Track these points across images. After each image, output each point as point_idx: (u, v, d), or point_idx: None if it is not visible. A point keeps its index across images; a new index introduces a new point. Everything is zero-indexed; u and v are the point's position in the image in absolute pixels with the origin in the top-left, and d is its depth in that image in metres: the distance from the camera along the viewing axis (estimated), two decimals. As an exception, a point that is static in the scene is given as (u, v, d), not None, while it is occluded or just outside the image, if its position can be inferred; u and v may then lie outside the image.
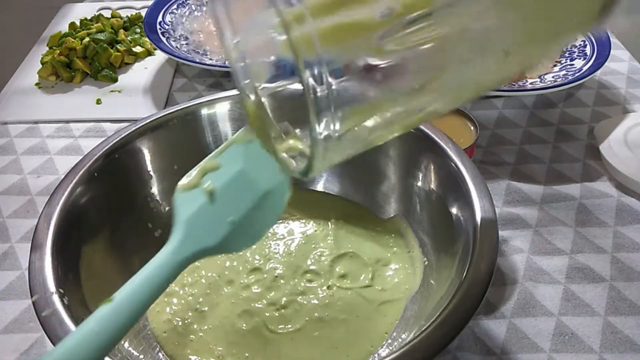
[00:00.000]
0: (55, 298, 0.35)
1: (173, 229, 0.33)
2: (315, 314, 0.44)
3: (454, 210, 0.42)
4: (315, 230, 0.51)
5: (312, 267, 0.48)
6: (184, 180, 0.35)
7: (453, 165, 0.43)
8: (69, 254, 0.40)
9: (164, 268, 0.31)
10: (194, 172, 0.35)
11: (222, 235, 0.33)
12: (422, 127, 0.46)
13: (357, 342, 0.43)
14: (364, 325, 0.44)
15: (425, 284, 0.45)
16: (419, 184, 0.48)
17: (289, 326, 0.43)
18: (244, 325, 0.43)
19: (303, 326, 0.43)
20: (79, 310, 0.37)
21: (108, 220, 0.46)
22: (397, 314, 0.44)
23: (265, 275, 0.47)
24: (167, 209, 0.51)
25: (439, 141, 0.45)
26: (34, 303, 0.35)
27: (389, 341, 0.43)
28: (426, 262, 0.46)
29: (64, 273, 0.38)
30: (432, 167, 0.46)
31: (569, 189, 0.58)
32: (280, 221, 0.52)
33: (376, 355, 0.42)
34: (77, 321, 0.34)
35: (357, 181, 0.53)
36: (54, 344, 0.33)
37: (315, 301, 0.45)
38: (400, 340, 0.42)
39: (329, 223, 0.51)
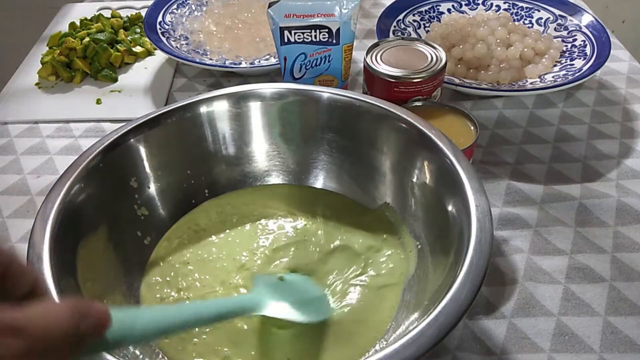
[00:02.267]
0: None
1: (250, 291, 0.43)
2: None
3: (447, 202, 0.43)
4: (305, 225, 0.51)
5: (305, 261, 0.48)
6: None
7: (447, 159, 0.43)
8: (66, 257, 0.40)
9: (231, 303, 0.40)
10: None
11: (284, 300, 0.41)
12: (417, 124, 0.47)
13: (362, 330, 0.43)
14: (367, 312, 0.44)
15: (422, 267, 0.45)
16: (413, 178, 0.48)
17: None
18: (245, 325, 0.43)
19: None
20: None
21: (105, 220, 0.46)
22: (396, 298, 0.45)
23: (260, 273, 0.47)
24: (165, 208, 0.51)
25: (432, 136, 0.45)
26: None
27: (393, 325, 0.43)
28: (419, 246, 0.47)
29: (63, 277, 0.38)
30: (425, 161, 0.46)
31: (569, 189, 0.58)
32: (270, 218, 0.52)
33: (383, 340, 0.42)
34: None
35: (350, 176, 0.54)
36: None
37: None
38: (404, 326, 0.42)
39: (318, 217, 0.52)
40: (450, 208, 0.42)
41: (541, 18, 0.81)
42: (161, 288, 0.47)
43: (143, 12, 0.87)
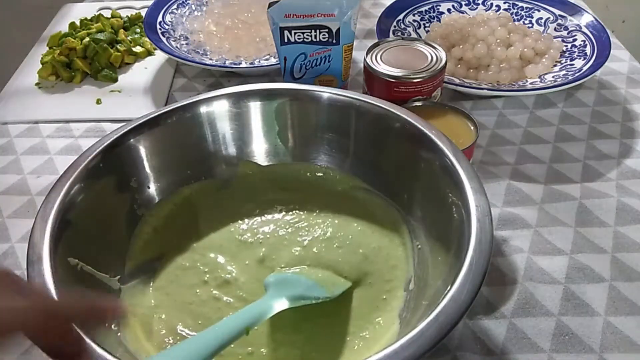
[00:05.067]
0: None
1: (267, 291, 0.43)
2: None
3: (447, 202, 0.43)
4: (304, 224, 0.51)
5: (301, 253, 0.48)
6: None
7: (447, 159, 0.43)
8: (66, 257, 0.40)
9: (259, 307, 0.40)
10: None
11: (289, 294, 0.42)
12: (417, 124, 0.47)
13: (361, 330, 0.43)
14: (367, 313, 0.44)
15: (422, 267, 0.45)
16: (413, 178, 0.48)
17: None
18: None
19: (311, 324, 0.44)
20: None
21: (105, 220, 0.46)
22: (396, 298, 0.45)
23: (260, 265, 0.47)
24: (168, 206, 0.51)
25: (432, 136, 0.45)
26: None
27: (393, 325, 0.43)
28: (419, 246, 0.47)
29: (63, 277, 0.38)
30: (425, 161, 0.46)
31: (569, 189, 0.58)
32: (269, 215, 0.52)
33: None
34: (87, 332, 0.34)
35: (350, 177, 0.54)
36: None
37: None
38: (404, 326, 0.42)
39: (317, 217, 0.51)
40: (450, 208, 0.42)
41: (541, 18, 0.81)
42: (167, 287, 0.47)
43: (143, 12, 0.87)
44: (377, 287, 0.46)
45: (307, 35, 0.61)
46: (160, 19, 0.81)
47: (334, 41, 0.62)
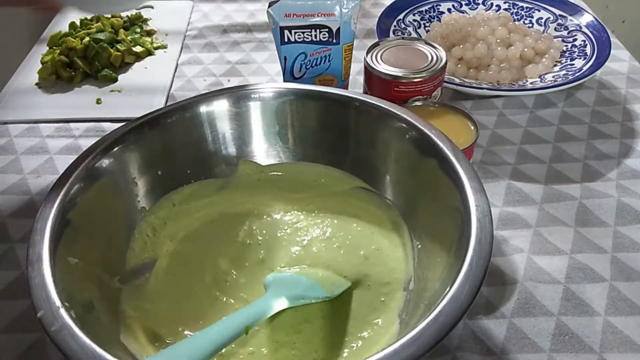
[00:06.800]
0: (63, 312, 0.34)
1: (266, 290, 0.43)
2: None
3: (447, 202, 0.43)
4: (304, 224, 0.51)
5: (301, 253, 0.48)
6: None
7: (447, 159, 0.43)
8: (66, 257, 0.40)
9: (258, 306, 0.40)
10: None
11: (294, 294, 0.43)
12: (417, 124, 0.47)
13: (361, 331, 0.43)
14: (367, 313, 0.44)
15: (422, 267, 0.45)
16: (413, 178, 0.48)
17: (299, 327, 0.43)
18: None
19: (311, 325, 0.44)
20: (86, 321, 0.37)
21: (105, 220, 0.46)
22: (396, 298, 0.45)
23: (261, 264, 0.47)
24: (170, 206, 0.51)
25: (432, 136, 0.45)
26: (39, 319, 0.34)
27: (393, 325, 0.43)
28: (419, 246, 0.47)
29: (63, 277, 0.38)
30: (425, 161, 0.46)
31: (569, 189, 0.58)
32: (268, 216, 0.52)
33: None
34: (87, 332, 0.34)
35: (350, 177, 0.54)
36: (68, 357, 0.33)
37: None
38: (404, 326, 0.42)
39: (317, 217, 0.51)
40: (450, 208, 0.42)
41: (541, 18, 0.81)
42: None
43: (143, 12, 0.87)
44: (375, 290, 0.45)
45: (307, 34, 0.61)
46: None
47: (334, 41, 0.62)
